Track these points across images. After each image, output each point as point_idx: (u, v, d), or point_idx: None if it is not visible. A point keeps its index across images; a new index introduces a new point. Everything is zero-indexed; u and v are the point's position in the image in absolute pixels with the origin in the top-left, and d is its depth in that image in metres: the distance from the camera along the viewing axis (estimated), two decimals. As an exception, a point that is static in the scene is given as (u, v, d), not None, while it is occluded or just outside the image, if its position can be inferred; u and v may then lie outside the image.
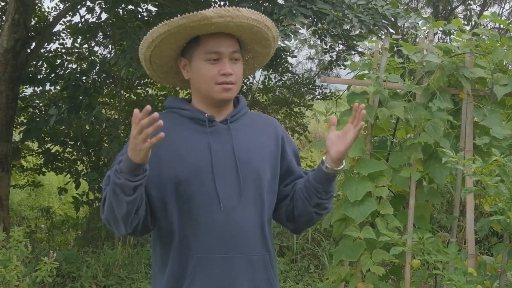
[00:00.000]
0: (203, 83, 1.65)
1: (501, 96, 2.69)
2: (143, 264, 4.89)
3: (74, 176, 5.81)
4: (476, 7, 9.65)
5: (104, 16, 5.58)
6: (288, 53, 6.62)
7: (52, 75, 5.48)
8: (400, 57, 3.07)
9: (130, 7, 5.50)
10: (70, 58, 6.05)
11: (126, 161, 1.46)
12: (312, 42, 9.96)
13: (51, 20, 5.80)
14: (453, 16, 8.97)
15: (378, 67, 2.88)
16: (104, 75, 5.56)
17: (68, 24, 5.92)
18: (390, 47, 3.14)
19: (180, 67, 1.71)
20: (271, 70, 6.80)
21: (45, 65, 5.76)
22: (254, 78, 7.29)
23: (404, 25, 4.18)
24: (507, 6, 10.63)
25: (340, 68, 7.82)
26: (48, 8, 6.75)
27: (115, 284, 4.63)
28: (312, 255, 5.45)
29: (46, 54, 5.94)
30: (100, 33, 5.91)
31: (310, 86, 7.54)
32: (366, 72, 2.95)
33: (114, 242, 5.32)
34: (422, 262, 2.72)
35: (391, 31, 5.28)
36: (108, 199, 1.54)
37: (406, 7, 8.31)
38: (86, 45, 6.13)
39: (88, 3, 5.39)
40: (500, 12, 9.43)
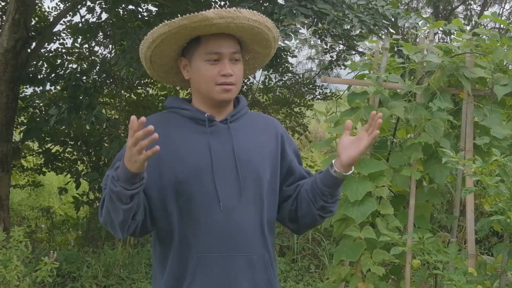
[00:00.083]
0: (203, 84, 1.65)
1: (501, 96, 2.69)
2: (144, 264, 4.89)
3: (75, 176, 5.81)
4: (477, 7, 9.65)
5: (105, 16, 5.59)
6: (289, 53, 6.62)
7: (52, 75, 5.47)
8: (401, 57, 3.07)
9: (131, 7, 5.50)
10: (71, 58, 6.04)
11: (123, 169, 1.45)
12: (313, 42, 9.97)
13: (52, 20, 5.80)
14: (454, 16, 8.97)
15: (379, 67, 2.88)
16: (105, 75, 5.56)
17: (69, 24, 5.92)
18: (391, 47, 3.14)
19: (181, 67, 1.71)
20: (272, 70, 6.80)
21: (46, 65, 5.76)
22: (255, 78, 7.29)
23: (405, 25, 4.18)
24: (507, 6, 10.64)
25: (341, 68, 7.82)
26: (49, 8, 6.77)
27: (116, 284, 4.63)
28: (313, 255, 5.45)
29: (47, 54, 5.94)
30: (101, 33, 5.91)
31: (311, 86, 7.54)
32: (367, 72, 2.95)
33: (115, 242, 5.32)
34: (422, 262, 2.72)
35: (392, 31, 5.28)
36: (106, 204, 1.54)
37: (407, 7, 8.30)
38: (87, 45, 6.13)
39: (89, 3, 5.39)
40: (500, 12, 9.43)
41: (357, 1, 3.99)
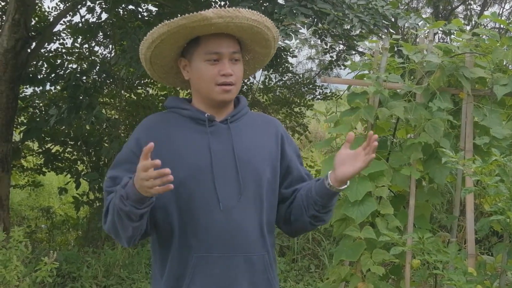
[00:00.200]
0: (203, 84, 1.65)
1: (501, 96, 2.69)
2: (144, 264, 4.89)
3: (74, 176, 5.81)
4: (476, 7, 9.65)
5: (105, 16, 5.59)
6: (289, 53, 6.63)
7: (52, 75, 5.47)
8: (400, 57, 3.07)
9: (131, 7, 5.51)
10: (70, 58, 6.05)
11: (133, 190, 1.45)
12: (313, 42, 9.97)
13: (52, 20, 5.80)
14: (453, 16, 8.97)
15: (378, 67, 2.88)
16: (105, 75, 5.56)
17: (68, 24, 5.92)
18: (390, 47, 3.13)
19: (180, 68, 1.71)
20: (272, 70, 6.80)
21: (45, 65, 5.75)
22: (255, 78, 7.29)
23: (404, 25, 4.18)
24: (507, 6, 10.63)
25: (341, 68, 7.82)
26: (48, 8, 6.76)
27: (116, 284, 4.63)
28: (313, 255, 5.45)
29: (46, 54, 5.94)
30: (100, 33, 5.91)
31: (311, 86, 7.54)
32: (366, 72, 2.95)
33: (115, 242, 5.32)
34: (422, 262, 2.72)
35: (391, 31, 5.28)
36: (112, 217, 1.54)
37: (407, 7, 8.30)
38: (86, 45, 6.13)
39: (89, 3, 5.39)
40: (500, 12, 9.43)
41: (357, 1, 3.99)
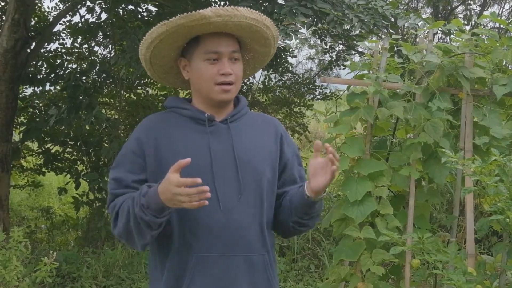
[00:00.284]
0: (203, 83, 1.65)
1: (501, 96, 2.69)
2: (143, 264, 4.89)
3: (74, 176, 5.80)
4: (476, 7, 9.65)
5: (104, 16, 5.59)
6: (288, 53, 6.63)
7: (52, 75, 5.47)
8: (400, 57, 3.07)
9: (130, 7, 5.51)
10: (70, 58, 6.04)
11: (156, 200, 1.47)
12: (312, 42, 9.99)
13: (51, 20, 5.80)
14: (453, 16, 8.97)
15: (378, 67, 2.88)
16: (104, 75, 5.56)
17: (68, 24, 5.92)
18: (390, 47, 3.13)
19: (180, 67, 1.71)
20: (271, 70, 6.80)
21: (45, 65, 5.75)
22: (254, 78, 7.29)
23: (404, 26, 4.18)
24: (507, 6, 10.62)
25: (340, 68, 7.83)
26: (48, 8, 6.77)
27: (115, 285, 4.63)
28: (313, 255, 5.45)
29: (46, 54, 5.94)
30: (100, 33, 5.91)
31: (310, 86, 7.55)
32: (366, 72, 2.95)
33: (114, 242, 5.32)
34: (422, 262, 2.71)
35: (391, 31, 5.28)
36: (126, 223, 1.55)
37: (406, 7, 8.31)
38: (86, 45, 6.13)
39: (88, 3, 5.39)
40: (500, 12, 9.43)
41: (357, 1, 3.99)
